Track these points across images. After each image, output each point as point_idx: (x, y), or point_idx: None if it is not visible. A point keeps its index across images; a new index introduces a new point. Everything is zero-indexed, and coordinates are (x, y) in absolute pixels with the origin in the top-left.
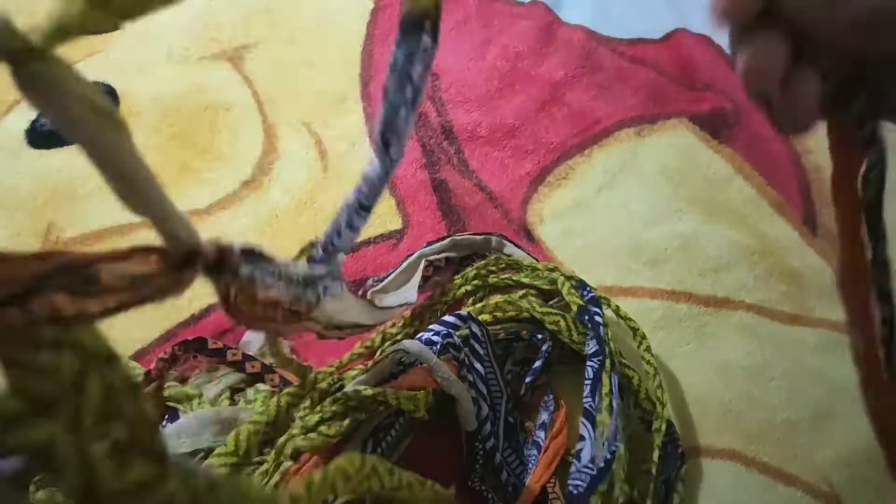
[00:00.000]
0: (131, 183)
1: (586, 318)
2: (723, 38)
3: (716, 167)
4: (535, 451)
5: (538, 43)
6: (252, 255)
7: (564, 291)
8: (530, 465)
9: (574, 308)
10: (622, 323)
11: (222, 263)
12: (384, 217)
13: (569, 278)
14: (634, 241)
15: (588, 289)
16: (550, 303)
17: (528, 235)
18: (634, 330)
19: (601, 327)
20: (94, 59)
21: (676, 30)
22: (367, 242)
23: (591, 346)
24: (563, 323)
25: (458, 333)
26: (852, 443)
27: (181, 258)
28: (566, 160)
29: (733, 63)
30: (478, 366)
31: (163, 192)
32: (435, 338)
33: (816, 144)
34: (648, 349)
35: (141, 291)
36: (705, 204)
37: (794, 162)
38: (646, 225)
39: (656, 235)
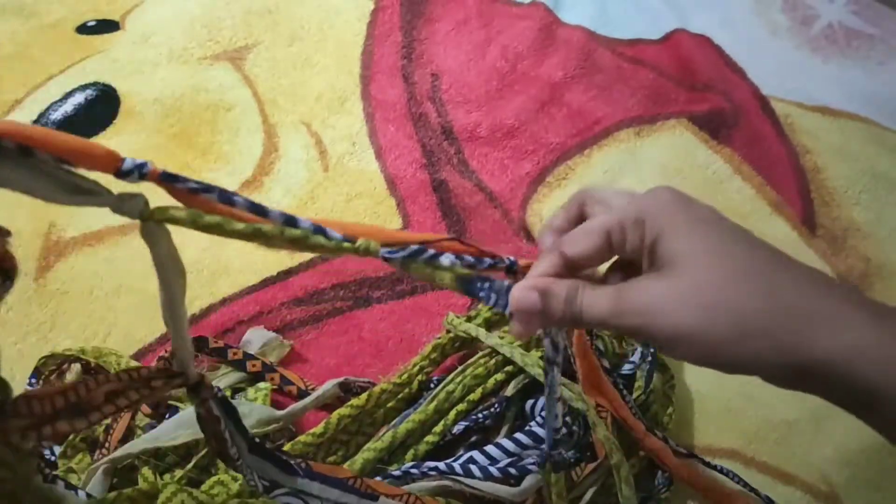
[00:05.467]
0: (173, 308)
1: (649, 351)
2: (723, 39)
3: (715, 167)
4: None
5: (538, 43)
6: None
7: None
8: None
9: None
10: None
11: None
12: (384, 217)
13: None
14: None
15: None
16: None
17: (528, 235)
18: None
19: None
20: (94, 59)
21: (676, 30)
22: None
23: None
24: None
25: None
26: (851, 443)
27: (183, 381)
28: (566, 160)
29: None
30: None
31: (185, 320)
32: None
33: (816, 145)
34: (673, 387)
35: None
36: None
37: (793, 162)
38: None
39: None
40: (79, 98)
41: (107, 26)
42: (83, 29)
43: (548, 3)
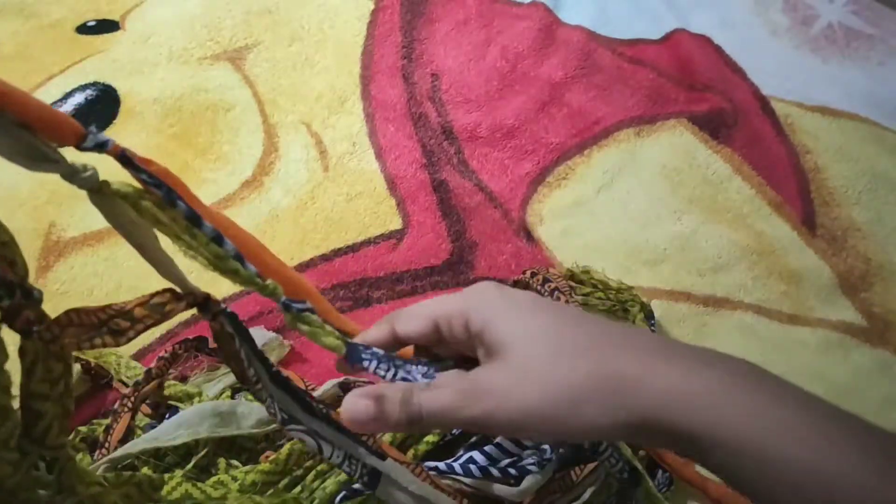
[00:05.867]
0: (151, 257)
1: None
2: (723, 39)
3: (715, 167)
4: None
5: (538, 43)
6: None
7: (637, 319)
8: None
9: None
10: None
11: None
12: (384, 217)
13: (642, 306)
14: (633, 241)
15: (653, 321)
16: None
17: (528, 235)
18: None
19: None
20: (94, 59)
21: (676, 30)
22: (368, 242)
23: None
24: None
25: None
26: None
27: (191, 300)
28: (566, 160)
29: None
30: None
31: (170, 260)
32: None
33: (816, 145)
34: None
35: (157, 316)
36: (704, 204)
37: (793, 162)
38: (645, 225)
39: (655, 235)
40: (79, 98)
41: (107, 26)
42: (83, 29)
43: (548, 3)
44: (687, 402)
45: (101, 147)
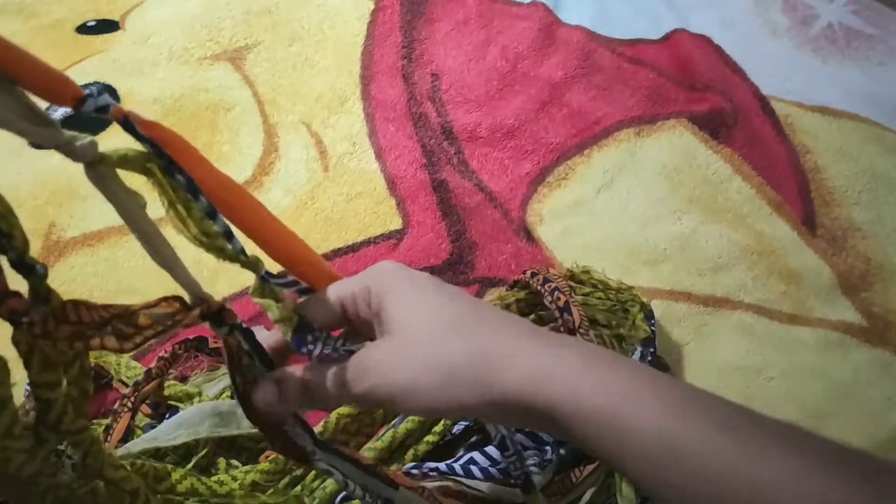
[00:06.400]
0: (156, 248)
1: (649, 351)
2: (723, 39)
3: (715, 167)
4: None
5: (538, 43)
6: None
7: (637, 319)
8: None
9: (640, 337)
10: None
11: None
12: (384, 217)
13: (642, 306)
14: (633, 241)
15: (653, 321)
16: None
17: (528, 235)
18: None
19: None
20: (94, 59)
21: (676, 30)
22: (368, 242)
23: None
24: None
25: None
26: (851, 442)
27: (205, 310)
28: (566, 160)
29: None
30: None
31: (174, 254)
32: None
33: (816, 145)
34: None
35: (164, 326)
36: (704, 204)
37: (793, 162)
38: (645, 225)
39: (655, 235)
40: None
41: (107, 26)
42: (83, 29)
43: (548, 3)
44: (548, 378)
45: (103, 111)
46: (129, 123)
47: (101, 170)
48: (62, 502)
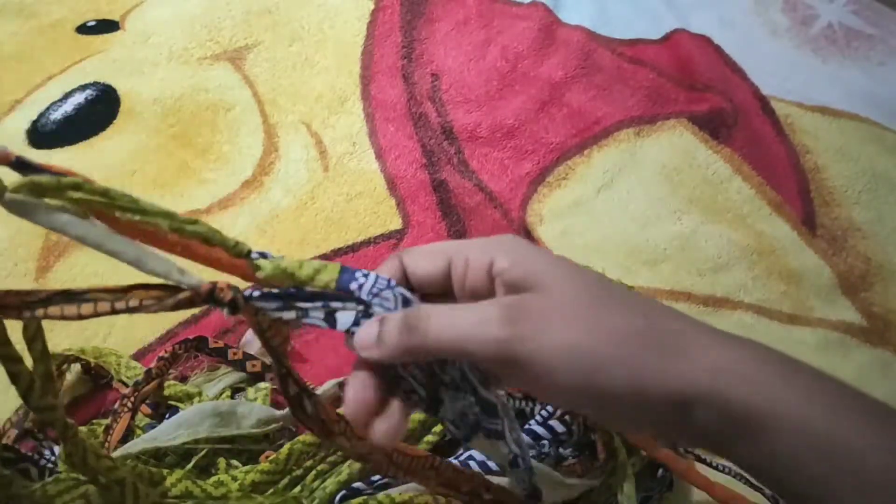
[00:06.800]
0: (105, 247)
1: None
2: (722, 39)
3: (715, 167)
4: None
5: (538, 43)
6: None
7: None
8: None
9: None
10: None
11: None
12: (384, 217)
13: None
14: (633, 241)
15: None
16: None
17: (528, 235)
18: None
19: None
20: (94, 59)
21: (676, 30)
22: (368, 242)
23: None
24: None
25: None
26: None
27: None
28: (566, 160)
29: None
30: None
31: (146, 251)
32: None
33: (816, 145)
34: None
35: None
36: (704, 204)
37: (793, 162)
38: (645, 225)
39: (655, 235)
40: (79, 98)
41: (107, 26)
42: (83, 29)
43: (548, 3)
44: (742, 374)
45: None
46: (25, 163)
47: (17, 200)
48: None
